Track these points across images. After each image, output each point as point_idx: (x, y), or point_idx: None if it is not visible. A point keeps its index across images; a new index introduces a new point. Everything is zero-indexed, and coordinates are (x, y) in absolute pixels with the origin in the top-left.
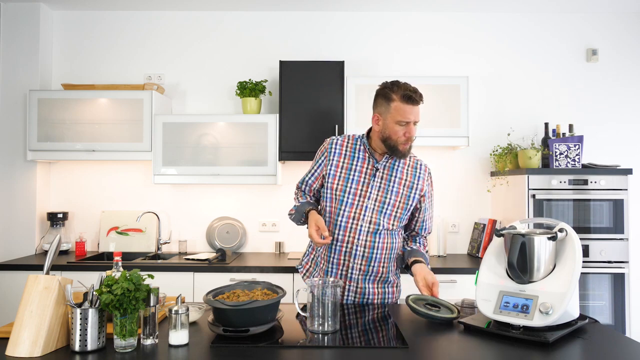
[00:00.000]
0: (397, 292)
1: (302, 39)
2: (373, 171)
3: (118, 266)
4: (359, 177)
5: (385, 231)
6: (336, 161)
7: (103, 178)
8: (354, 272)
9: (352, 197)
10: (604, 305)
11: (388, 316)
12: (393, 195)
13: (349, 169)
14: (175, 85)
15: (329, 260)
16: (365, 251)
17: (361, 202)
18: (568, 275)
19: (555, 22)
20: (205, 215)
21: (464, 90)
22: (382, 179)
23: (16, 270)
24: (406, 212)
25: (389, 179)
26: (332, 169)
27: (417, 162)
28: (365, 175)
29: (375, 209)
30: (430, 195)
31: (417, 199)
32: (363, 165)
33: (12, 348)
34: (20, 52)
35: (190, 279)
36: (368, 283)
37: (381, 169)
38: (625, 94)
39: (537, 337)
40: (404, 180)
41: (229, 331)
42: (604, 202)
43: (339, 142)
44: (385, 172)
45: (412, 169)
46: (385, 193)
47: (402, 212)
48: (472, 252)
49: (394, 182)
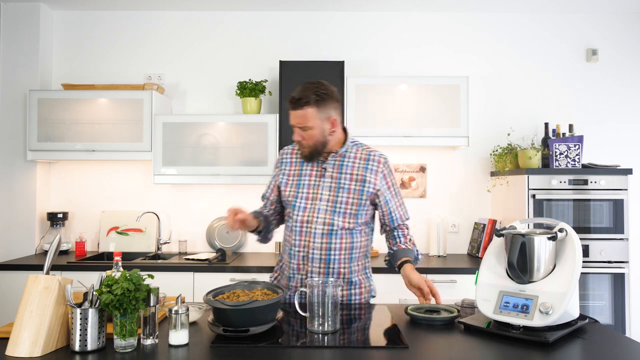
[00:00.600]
0: (365, 292)
1: (302, 39)
2: (322, 172)
3: (118, 266)
4: (308, 181)
5: (343, 231)
6: (287, 170)
7: (103, 178)
8: (313, 275)
9: (304, 201)
10: (604, 305)
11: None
12: (344, 192)
13: (299, 175)
14: (175, 85)
15: (289, 266)
16: (322, 253)
17: (313, 204)
18: (568, 275)
19: (555, 22)
20: (205, 215)
21: (464, 90)
22: (332, 178)
23: (16, 270)
24: (362, 207)
25: (339, 176)
26: (284, 178)
27: (369, 154)
28: (315, 178)
29: (328, 210)
30: (391, 184)
31: (371, 193)
32: (312, 168)
33: (12, 348)
34: (20, 52)
35: (190, 279)
36: None
37: (330, 168)
38: (625, 94)
39: (537, 337)
40: (354, 175)
41: (229, 331)
42: (604, 202)
43: (289, 151)
44: (335, 171)
45: (363, 162)
46: (336, 192)
47: (356, 209)
48: (472, 252)
49: (345, 178)
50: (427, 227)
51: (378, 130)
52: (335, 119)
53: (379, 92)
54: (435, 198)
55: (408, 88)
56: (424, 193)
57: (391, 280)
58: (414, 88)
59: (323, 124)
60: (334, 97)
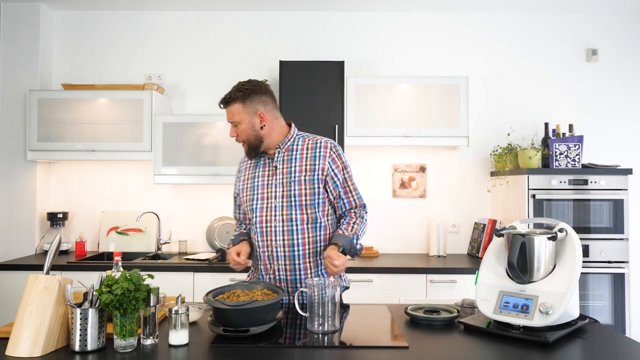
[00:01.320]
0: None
1: (302, 39)
2: (273, 170)
3: (118, 266)
4: (262, 181)
5: (304, 225)
6: (243, 176)
7: (103, 178)
8: (280, 274)
9: (260, 202)
10: (604, 305)
11: (388, 316)
12: (296, 184)
13: (253, 178)
14: (175, 85)
15: (258, 268)
16: (285, 250)
17: (270, 203)
18: (568, 275)
19: (555, 22)
20: (205, 215)
21: (463, 90)
22: (283, 173)
23: (16, 270)
24: (316, 196)
25: (290, 170)
26: (240, 185)
27: (315, 142)
28: (268, 177)
29: (284, 206)
30: (341, 168)
31: (321, 179)
32: (264, 169)
33: (12, 348)
34: (20, 52)
35: (190, 279)
36: (298, 283)
37: (280, 165)
38: (625, 94)
39: (537, 337)
40: (304, 166)
41: (229, 331)
42: (604, 202)
43: (244, 159)
44: (285, 166)
45: (311, 151)
46: (289, 186)
47: (311, 198)
48: (472, 252)
49: (295, 171)
50: (427, 227)
51: (378, 131)
52: (264, 113)
53: (379, 92)
54: (435, 198)
55: (408, 88)
56: (424, 193)
57: (391, 280)
58: (414, 88)
59: (252, 119)
60: (260, 91)
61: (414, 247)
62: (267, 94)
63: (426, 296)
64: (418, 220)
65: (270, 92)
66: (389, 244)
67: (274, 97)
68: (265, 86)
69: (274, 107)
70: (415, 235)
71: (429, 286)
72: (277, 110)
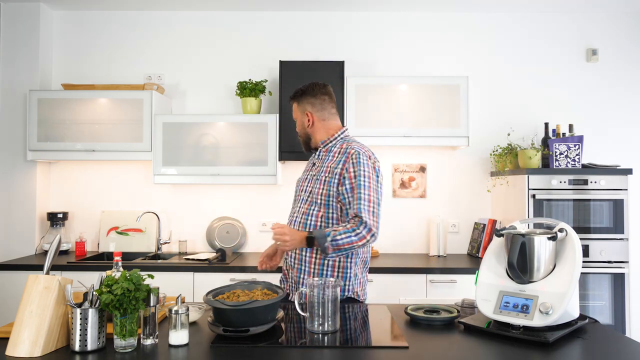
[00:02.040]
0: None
1: (302, 39)
2: (312, 165)
3: (118, 266)
4: (305, 175)
5: (317, 221)
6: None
7: (103, 178)
8: (290, 261)
9: (298, 193)
10: (604, 305)
11: (388, 316)
12: (318, 183)
13: (304, 171)
14: (175, 85)
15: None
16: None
17: (300, 195)
18: (568, 275)
19: (555, 22)
20: (205, 215)
21: (463, 90)
22: (316, 171)
23: (16, 270)
24: (331, 197)
25: (320, 169)
26: None
27: (346, 148)
28: (308, 171)
29: (306, 199)
30: (354, 176)
31: (336, 183)
32: (310, 164)
33: (12, 348)
34: (20, 52)
35: (190, 279)
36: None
37: (317, 162)
38: (625, 94)
39: (537, 337)
40: (329, 168)
41: (229, 331)
42: (604, 202)
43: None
44: (319, 164)
45: (341, 155)
46: (314, 182)
47: (325, 198)
48: (472, 252)
49: (322, 171)
50: (427, 227)
51: (378, 130)
52: (311, 112)
53: (379, 92)
54: (435, 198)
55: (408, 88)
56: (424, 193)
57: (391, 280)
58: (414, 88)
59: (302, 118)
60: (311, 93)
61: (414, 247)
62: (318, 95)
63: (426, 296)
64: (418, 220)
65: (326, 93)
66: (389, 244)
67: (329, 99)
68: (320, 88)
69: (323, 108)
70: (415, 235)
71: (429, 286)
72: (329, 112)
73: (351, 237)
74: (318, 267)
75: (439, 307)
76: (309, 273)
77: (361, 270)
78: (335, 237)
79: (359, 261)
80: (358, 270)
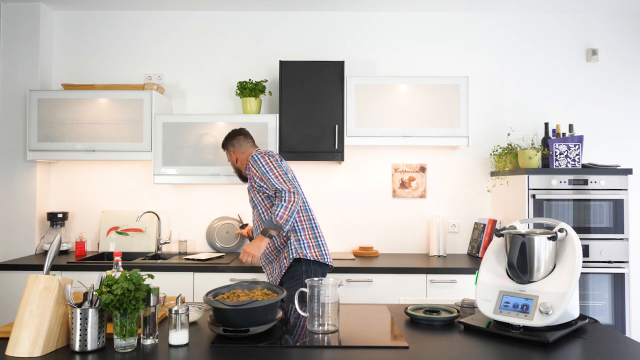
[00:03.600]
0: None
1: (302, 39)
2: None
3: (118, 266)
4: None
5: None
6: None
7: (103, 178)
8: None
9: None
10: (604, 305)
11: (388, 316)
12: (250, 192)
13: None
14: (175, 85)
15: None
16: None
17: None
18: (568, 275)
19: (555, 22)
20: (205, 215)
21: (463, 90)
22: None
23: (16, 270)
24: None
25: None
26: None
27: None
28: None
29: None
30: (256, 171)
31: (255, 186)
32: None
33: (12, 348)
34: (20, 52)
35: (190, 279)
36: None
37: None
38: (625, 94)
39: (537, 337)
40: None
41: (229, 331)
42: (604, 202)
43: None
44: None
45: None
46: (248, 194)
47: (259, 201)
48: (472, 252)
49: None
50: (427, 227)
51: (378, 130)
52: (234, 152)
53: (379, 92)
54: (435, 198)
55: (408, 88)
56: (424, 193)
57: (391, 280)
58: (414, 88)
59: (230, 157)
60: (229, 139)
61: (414, 247)
62: (234, 138)
63: (426, 296)
64: (418, 220)
65: (240, 134)
66: (389, 244)
67: (243, 138)
68: (235, 133)
69: (240, 145)
70: (415, 235)
71: (429, 286)
72: (245, 147)
73: (284, 205)
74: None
75: (439, 307)
76: (265, 254)
77: (307, 235)
78: (275, 215)
79: (300, 229)
80: (302, 236)
